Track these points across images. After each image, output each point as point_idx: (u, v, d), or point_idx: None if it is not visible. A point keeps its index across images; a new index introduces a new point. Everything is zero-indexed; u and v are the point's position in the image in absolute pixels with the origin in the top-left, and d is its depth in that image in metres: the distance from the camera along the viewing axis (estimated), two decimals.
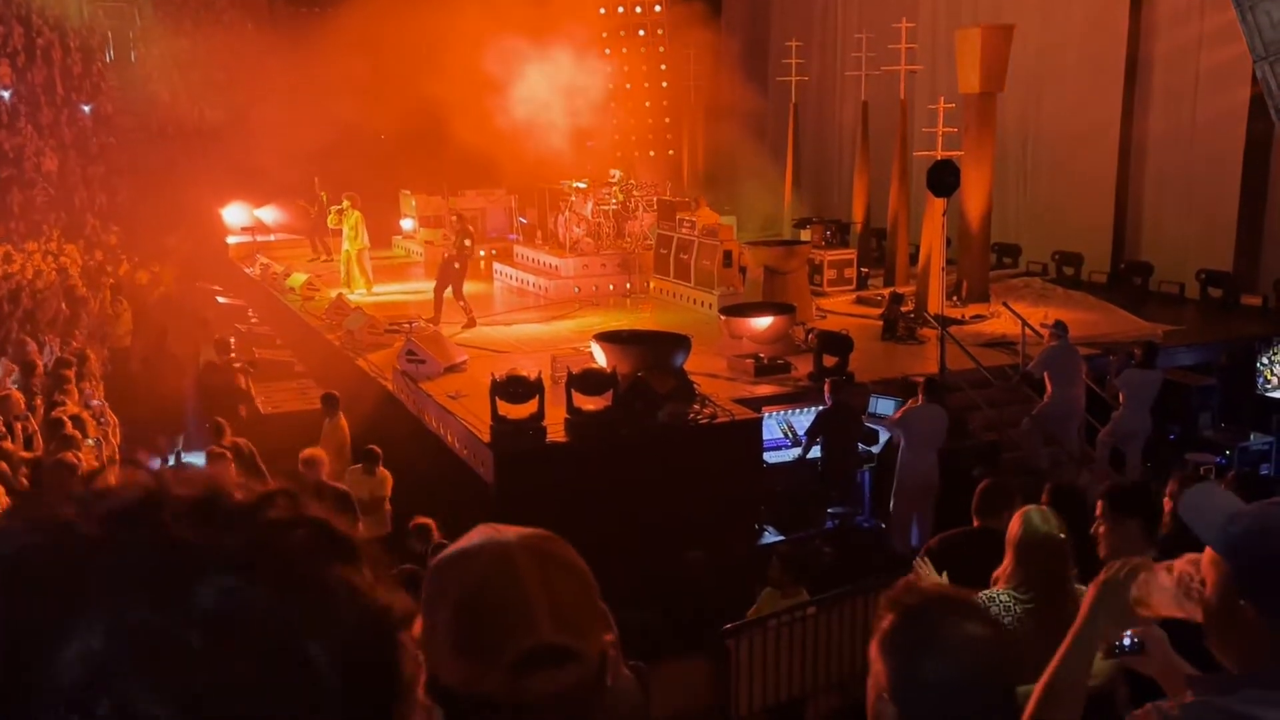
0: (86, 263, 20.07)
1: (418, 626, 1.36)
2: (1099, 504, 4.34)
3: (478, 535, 1.40)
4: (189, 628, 0.69)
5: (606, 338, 12.04)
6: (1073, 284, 17.61)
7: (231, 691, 0.69)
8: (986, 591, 4.08)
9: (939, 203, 14.58)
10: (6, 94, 27.17)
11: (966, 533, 5.48)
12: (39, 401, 11.45)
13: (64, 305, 16.39)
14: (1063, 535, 4.10)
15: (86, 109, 27.45)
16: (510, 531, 1.39)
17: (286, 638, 0.71)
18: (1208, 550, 1.91)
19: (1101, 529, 4.30)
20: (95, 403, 12.02)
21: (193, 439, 12.63)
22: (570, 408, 10.43)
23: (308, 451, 9.72)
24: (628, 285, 17.72)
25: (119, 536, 0.72)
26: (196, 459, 10.90)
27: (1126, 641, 3.41)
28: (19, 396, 11.34)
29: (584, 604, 1.36)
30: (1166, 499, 4.50)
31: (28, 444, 10.31)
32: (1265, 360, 12.56)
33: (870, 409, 11.55)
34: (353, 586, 0.76)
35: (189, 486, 0.77)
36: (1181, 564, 2.07)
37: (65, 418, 10.37)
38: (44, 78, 27.60)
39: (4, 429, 10.28)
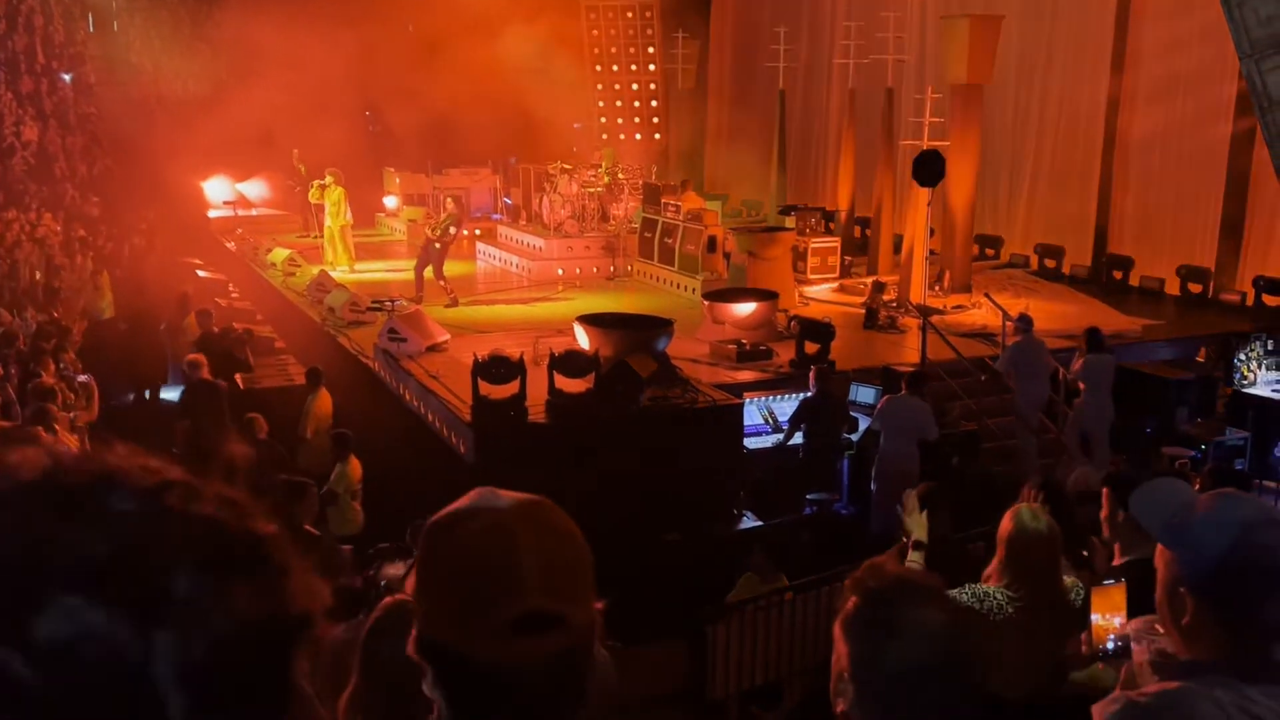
0: (67, 234, 19.88)
1: (410, 584, 1.38)
2: (1104, 491, 4.37)
3: (475, 498, 1.40)
4: (24, 659, 0.64)
5: (589, 320, 12.03)
6: (1054, 277, 17.70)
7: None
8: (978, 588, 4.12)
9: (924, 192, 14.61)
10: None
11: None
12: (15, 371, 11.36)
13: (41, 276, 16.25)
14: (1053, 533, 4.13)
15: (67, 78, 27.14)
16: (507, 496, 1.40)
17: (135, 668, 0.65)
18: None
19: (1105, 514, 4.32)
20: (83, 378, 11.93)
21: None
22: (552, 389, 10.43)
23: (251, 415, 9.68)
24: (611, 268, 17.70)
25: None
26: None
27: (1111, 645, 3.43)
28: None
29: (576, 571, 1.37)
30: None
31: (5, 414, 10.22)
32: (1243, 356, 12.65)
33: (850, 397, 11.60)
34: (231, 599, 0.70)
35: (78, 476, 0.71)
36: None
37: (41, 389, 10.30)
38: (25, 45, 27.27)
39: None
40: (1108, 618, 3.44)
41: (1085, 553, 5.05)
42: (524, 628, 1.30)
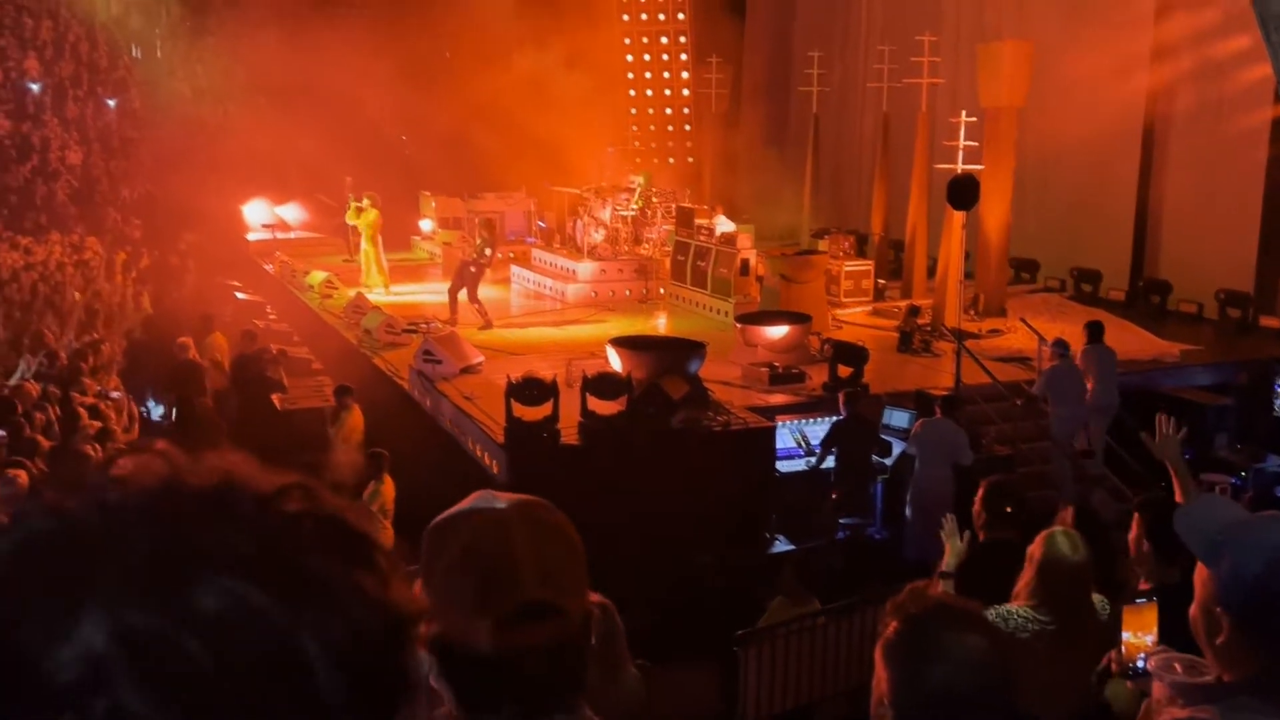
0: (108, 256, 20.19)
1: (417, 585, 1.43)
2: (1136, 516, 4.32)
3: (474, 499, 1.49)
4: (190, 632, 0.67)
5: (622, 342, 12.05)
6: (1091, 301, 17.52)
7: (230, 698, 0.67)
8: (1003, 607, 4.08)
9: (958, 216, 14.56)
10: (35, 87, 27.41)
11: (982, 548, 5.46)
12: (55, 391, 11.52)
13: (83, 297, 16.50)
14: (1087, 561, 4.10)
15: (112, 103, 27.65)
16: (505, 497, 1.49)
17: (289, 643, 0.69)
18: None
19: (1134, 535, 4.28)
20: (116, 394, 12.09)
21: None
22: (585, 411, 10.45)
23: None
24: (644, 291, 17.74)
25: (122, 531, 0.70)
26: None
27: (1141, 663, 3.41)
28: (34, 387, 11.43)
29: (570, 566, 1.45)
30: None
31: (46, 433, 10.36)
32: None
33: (884, 421, 11.54)
34: (362, 587, 0.73)
35: (201, 476, 0.74)
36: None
37: (82, 408, 10.45)
38: (71, 71, 27.84)
39: (22, 419, 10.36)
40: (1139, 635, 3.44)
41: (1117, 576, 5.01)
42: (522, 617, 1.37)
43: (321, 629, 0.70)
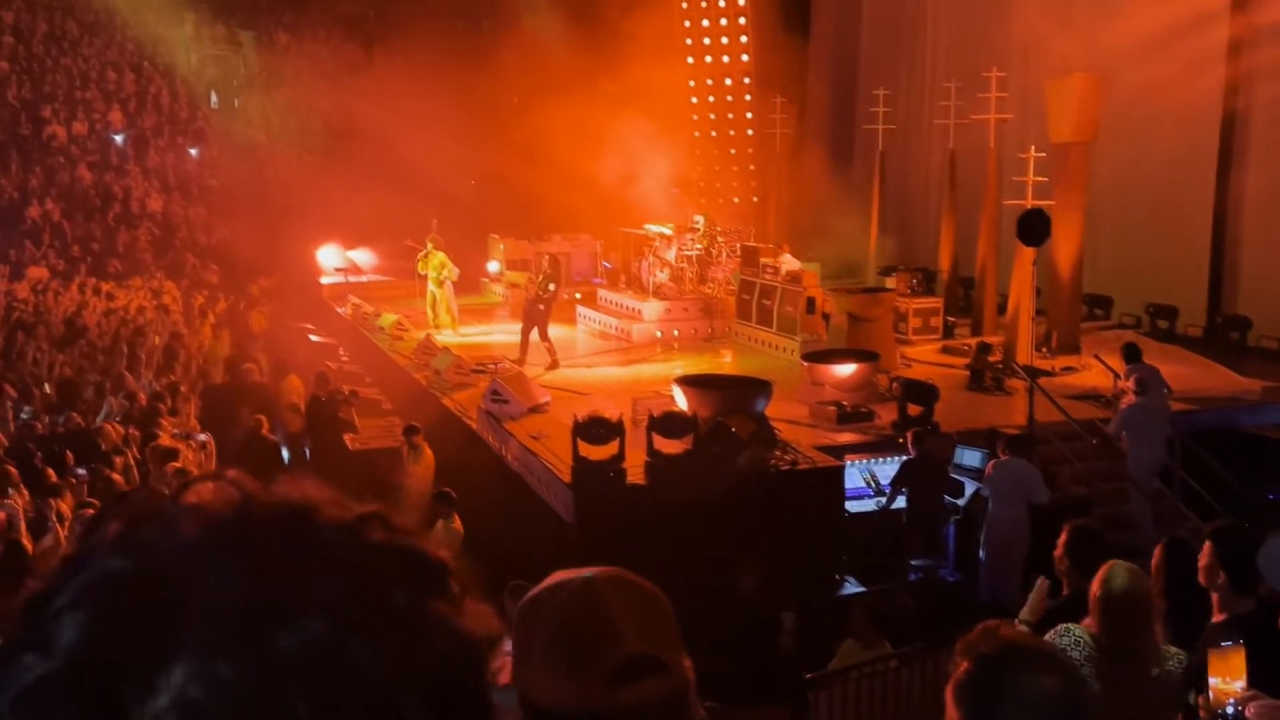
0: (187, 301, 20.72)
1: (509, 667, 1.43)
2: (1207, 544, 4.22)
3: (556, 576, 1.49)
4: (280, 677, 0.66)
5: (688, 381, 12.07)
6: (1167, 338, 17.16)
7: None
8: (1062, 626, 4.03)
9: (1029, 252, 14.38)
10: (119, 138, 28.37)
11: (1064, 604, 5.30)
12: (135, 433, 11.78)
13: (162, 340, 16.91)
14: (1145, 593, 4.01)
15: (193, 152, 28.51)
16: (586, 570, 1.49)
17: (378, 680, 0.68)
18: None
19: (1204, 563, 4.17)
20: (201, 436, 12.35)
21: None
22: (650, 450, 10.43)
23: None
24: (710, 330, 17.72)
25: (206, 572, 0.68)
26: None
27: (1230, 710, 3.30)
28: (116, 429, 11.70)
29: (665, 625, 1.43)
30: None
31: (126, 475, 10.58)
32: None
33: (955, 460, 11.36)
34: (444, 617, 0.73)
35: (278, 505, 0.73)
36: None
37: (162, 449, 10.67)
38: (154, 123, 28.78)
39: (103, 461, 10.60)
40: (1228, 681, 3.33)
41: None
42: (627, 674, 1.35)
43: (408, 663, 0.70)
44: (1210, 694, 3.37)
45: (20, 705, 0.65)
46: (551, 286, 15.79)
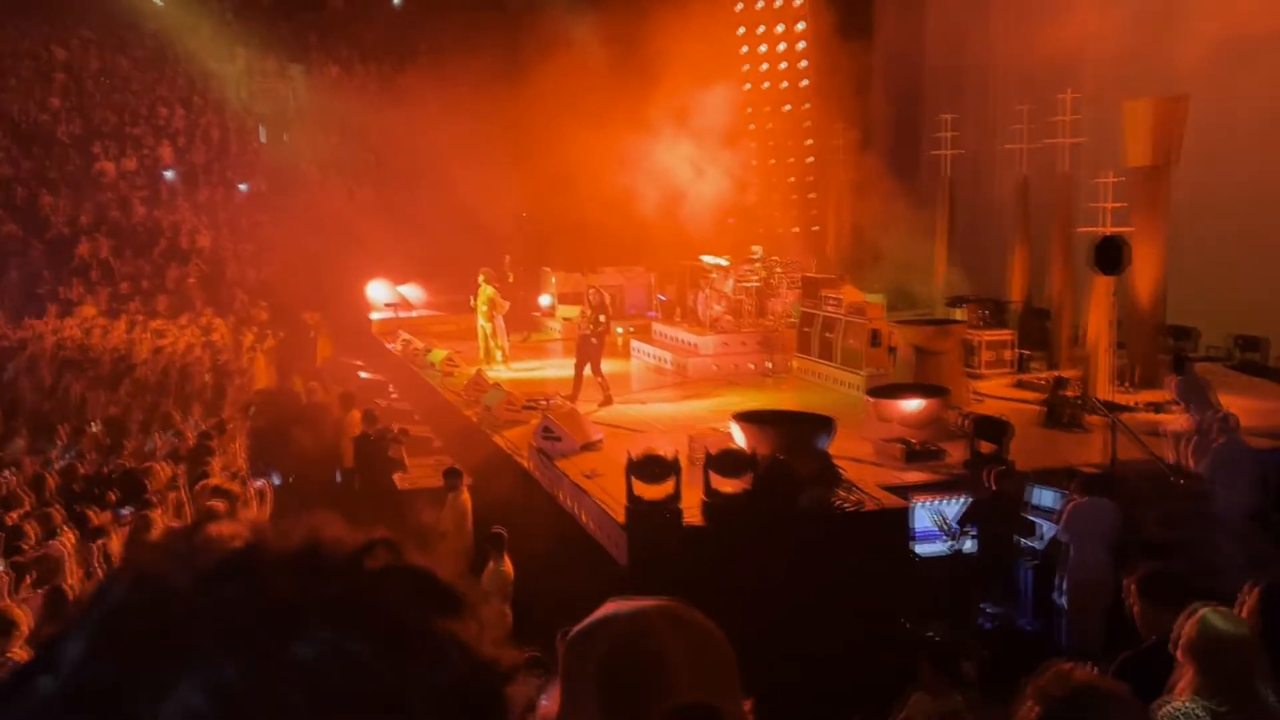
0: (235, 337, 20.65)
1: (554, 706, 1.38)
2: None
3: (608, 607, 1.42)
4: (287, 684, 0.67)
5: (746, 418, 11.77)
6: (1257, 371, 16.49)
7: None
8: (1170, 704, 3.57)
9: (1107, 282, 13.84)
10: (169, 174, 28.63)
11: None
12: (183, 471, 11.60)
13: (211, 377, 16.80)
14: (1251, 637, 3.65)
15: (243, 187, 28.65)
16: (642, 601, 1.41)
17: (388, 694, 0.69)
18: None
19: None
20: (259, 484, 12.13)
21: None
22: (708, 489, 10.15)
23: None
24: (769, 364, 17.32)
25: (215, 591, 0.70)
26: None
27: None
28: (166, 469, 11.52)
29: (722, 667, 1.37)
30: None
31: (179, 513, 10.40)
32: None
33: (1030, 499, 10.77)
34: (457, 639, 0.74)
35: (287, 538, 0.76)
36: None
37: (211, 488, 10.46)
38: (203, 159, 29.02)
39: (153, 499, 10.41)
40: None
41: None
42: None
43: (423, 678, 0.71)
44: None
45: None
46: (602, 318, 15.45)
